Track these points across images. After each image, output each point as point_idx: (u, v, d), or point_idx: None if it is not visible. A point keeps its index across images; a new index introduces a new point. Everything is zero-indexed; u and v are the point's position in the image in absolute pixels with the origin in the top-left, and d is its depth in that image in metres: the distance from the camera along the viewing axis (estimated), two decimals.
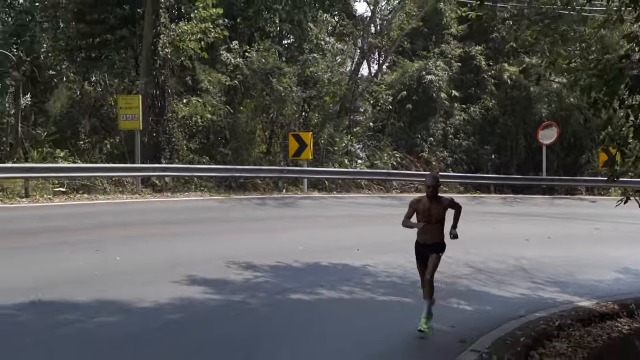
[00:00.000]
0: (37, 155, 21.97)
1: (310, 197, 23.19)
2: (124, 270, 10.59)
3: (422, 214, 9.02)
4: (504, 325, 9.61)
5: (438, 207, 8.97)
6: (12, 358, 6.75)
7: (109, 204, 19.25)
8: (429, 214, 8.95)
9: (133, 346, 7.30)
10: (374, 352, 7.88)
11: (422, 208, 9.01)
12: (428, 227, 8.99)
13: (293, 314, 9.28)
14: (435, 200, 8.98)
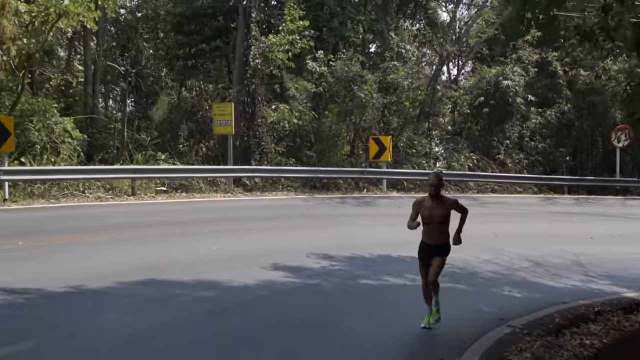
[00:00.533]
0: (141, 157, 24.27)
1: (388, 197, 24.63)
2: (219, 258, 12.32)
3: (424, 214, 8.88)
4: (546, 309, 10.42)
5: (441, 207, 8.86)
6: (139, 319, 8.50)
7: (204, 202, 21.26)
8: (431, 214, 8.84)
9: (229, 314, 8.99)
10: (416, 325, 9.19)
11: (425, 208, 8.89)
12: (431, 228, 8.86)
13: (359, 295, 10.78)
14: (438, 200, 8.89)
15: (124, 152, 25.45)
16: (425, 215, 8.79)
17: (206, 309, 9.04)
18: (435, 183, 8.84)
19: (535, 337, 8.92)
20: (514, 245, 15.40)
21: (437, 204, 8.78)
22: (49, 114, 22.76)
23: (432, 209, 8.76)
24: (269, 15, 29.26)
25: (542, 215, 22.24)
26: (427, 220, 8.79)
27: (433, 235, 8.85)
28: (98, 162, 24.34)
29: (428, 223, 8.80)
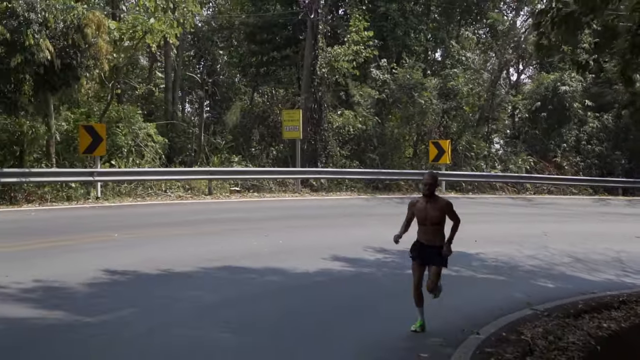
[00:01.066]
0: (217, 160, 26.20)
1: (445, 197, 25.86)
2: (285, 250, 13.83)
3: (419, 216, 8.85)
4: (573, 297, 11.43)
5: (435, 208, 8.77)
6: (217, 295, 10.10)
7: (274, 201, 22.97)
8: (425, 215, 8.78)
9: (289, 294, 10.53)
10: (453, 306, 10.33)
11: (419, 209, 8.85)
12: (426, 229, 8.79)
13: (405, 283, 12.19)
14: (432, 200, 8.80)
15: (201, 154, 27.46)
16: (420, 217, 8.78)
17: (272, 290, 10.61)
18: (430, 182, 8.77)
19: (553, 318, 9.80)
20: (559, 243, 16.33)
21: (431, 204, 8.75)
22: (134, 120, 24.86)
23: (427, 210, 8.74)
24: (335, 26, 30.89)
25: (593, 216, 23.07)
26: (422, 222, 8.79)
27: (428, 237, 8.79)
28: (178, 164, 26.42)
29: (423, 224, 8.79)
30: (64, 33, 17.92)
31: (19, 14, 16.88)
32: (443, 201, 8.91)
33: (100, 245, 13.31)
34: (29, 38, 16.70)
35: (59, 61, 17.71)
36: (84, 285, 9.77)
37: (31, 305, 8.53)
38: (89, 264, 11.11)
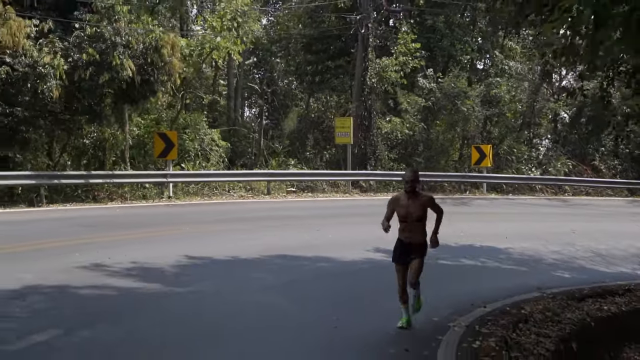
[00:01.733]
0: (275, 163, 28.46)
1: (485, 198, 27.64)
2: (334, 242, 15.73)
3: (400, 212, 8.72)
4: (580, 285, 12.66)
5: (417, 204, 8.64)
6: (277, 277, 12.12)
7: (326, 201, 25.05)
8: (407, 211, 8.64)
9: (337, 277, 12.51)
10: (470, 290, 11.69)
11: (401, 205, 8.73)
12: (407, 226, 8.69)
13: (434, 271, 14.04)
14: (414, 197, 8.65)
15: (261, 158, 29.76)
16: (401, 213, 8.68)
17: (322, 274, 12.58)
18: (411, 179, 8.65)
19: (557, 300, 11.37)
20: (585, 240, 17.55)
21: (413, 201, 8.62)
22: (200, 127, 27.27)
23: (408, 207, 8.63)
24: (385, 38, 32.85)
25: (625, 216, 24.38)
26: (403, 218, 8.69)
27: (410, 234, 8.76)
28: (239, 167, 28.77)
29: (404, 221, 8.68)
30: (143, 53, 20.37)
31: (107, 38, 19.43)
32: (425, 197, 8.87)
33: (176, 237, 15.58)
34: (115, 59, 19.20)
35: (139, 77, 20.17)
36: (170, 266, 11.97)
37: (133, 280, 10.77)
38: (170, 251, 13.32)
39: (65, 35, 19.90)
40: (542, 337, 9.12)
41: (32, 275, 10.63)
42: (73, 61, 19.27)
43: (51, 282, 10.32)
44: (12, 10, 17.91)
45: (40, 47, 18.72)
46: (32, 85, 18.35)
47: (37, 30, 18.83)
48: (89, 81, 19.22)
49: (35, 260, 11.92)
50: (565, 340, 9.22)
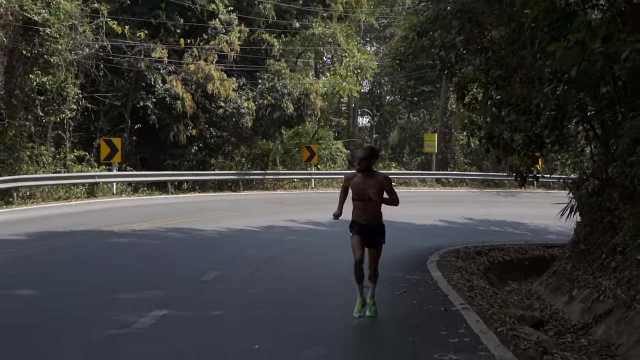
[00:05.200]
0: (381, 165, 39.64)
1: (532, 192, 37.64)
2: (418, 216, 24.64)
3: (356, 191, 8.17)
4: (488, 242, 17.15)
5: (372, 183, 8.06)
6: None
7: (416, 192, 35.80)
8: (362, 190, 8.07)
9: (413, 232, 23.05)
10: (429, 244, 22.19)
11: (356, 183, 8.19)
12: (364, 206, 8.12)
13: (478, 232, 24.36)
14: (369, 176, 8.13)
15: None
16: (357, 191, 8.16)
17: (406, 229, 21.47)
18: (364, 156, 8.21)
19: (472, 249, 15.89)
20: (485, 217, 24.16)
21: (370, 180, 8.12)
22: (328, 139, 38.73)
23: (365, 186, 8.08)
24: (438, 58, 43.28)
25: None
26: (359, 197, 8.16)
27: (365, 215, 8.21)
28: None
29: (361, 199, 8.15)
30: (298, 98, 31.88)
31: (278, 90, 31.13)
32: (381, 175, 8.40)
33: (309, 207, 25.19)
34: (283, 103, 30.84)
35: (295, 113, 31.74)
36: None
37: (311, 225, 21.90)
38: (315, 215, 24.26)
39: (253, 87, 31.73)
40: (473, 264, 14.13)
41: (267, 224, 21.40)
42: (258, 104, 31.04)
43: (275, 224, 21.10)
44: (225, 75, 29.63)
45: (240, 96, 30.54)
46: (235, 119, 30.22)
47: (237, 86, 30.58)
48: (267, 116, 31.04)
49: (264, 217, 21.73)
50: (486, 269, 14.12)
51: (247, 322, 8.27)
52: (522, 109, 12.14)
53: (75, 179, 24.23)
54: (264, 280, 11.17)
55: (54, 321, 8.01)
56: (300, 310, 9.06)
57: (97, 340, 7.19)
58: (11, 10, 20.44)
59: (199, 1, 28.74)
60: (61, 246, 14.27)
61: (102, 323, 7.83)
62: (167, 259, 13.06)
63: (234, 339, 7.49)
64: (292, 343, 7.37)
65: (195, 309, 8.72)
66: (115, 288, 9.90)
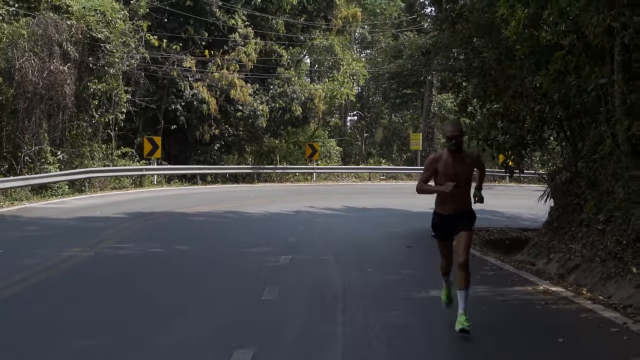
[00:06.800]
0: (372, 161, 43.61)
1: (506, 185, 41.89)
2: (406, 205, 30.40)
3: (444, 176, 6.76)
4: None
5: (464, 164, 6.79)
6: (381, 214, 26.91)
7: (402, 184, 39.77)
8: (454, 174, 6.71)
9: (412, 217, 27.12)
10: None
11: (444, 167, 6.78)
12: (454, 192, 6.72)
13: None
14: (460, 156, 6.77)
15: (362, 158, 44.96)
16: (447, 175, 6.76)
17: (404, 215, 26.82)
18: (456, 134, 6.74)
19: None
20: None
21: (460, 162, 6.77)
22: (323, 138, 42.55)
23: (456, 169, 6.74)
24: (444, 79, 47.40)
25: None
26: (454, 182, 6.71)
27: (457, 203, 6.87)
28: (350, 163, 44.01)
29: (457, 185, 6.73)
30: (304, 102, 35.66)
31: (289, 94, 34.89)
32: (473, 154, 7.20)
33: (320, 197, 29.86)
34: (293, 106, 34.62)
35: (302, 115, 35.52)
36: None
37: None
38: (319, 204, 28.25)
39: (266, 92, 35.43)
40: None
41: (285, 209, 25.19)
42: (271, 107, 34.77)
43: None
44: (243, 81, 33.30)
45: (255, 100, 34.23)
46: (252, 120, 33.93)
47: (252, 91, 34.27)
48: (279, 118, 34.83)
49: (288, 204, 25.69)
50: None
51: (341, 260, 12.08)
52: (512, 118, 16.07)
53: (129, 172, 27.95)
54: (328, 239, 14.92)
55: (219, 266, 11.65)
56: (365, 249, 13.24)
57: (260, 269, 10.92)
58: (81, 30, 24.00)
59: (222, 17, 32.37)
60: (163, 221, 17.93)
61: (256, 261, 11.64)
62: (251, 230, 16.74)
63: (346, 265, 11.41)
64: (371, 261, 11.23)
65: (308, 254, 12.57)
66: (247, 242, 13.79)
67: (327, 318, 7.57)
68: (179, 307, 8.03)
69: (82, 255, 11.69)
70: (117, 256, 12.01)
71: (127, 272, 10.60)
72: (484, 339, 6.73)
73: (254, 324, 7.28)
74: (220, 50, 32.49)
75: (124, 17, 26.21)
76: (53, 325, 7.18)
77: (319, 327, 7.17)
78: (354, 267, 11.15)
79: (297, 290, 9.22)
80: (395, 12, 48.05)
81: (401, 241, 15.49)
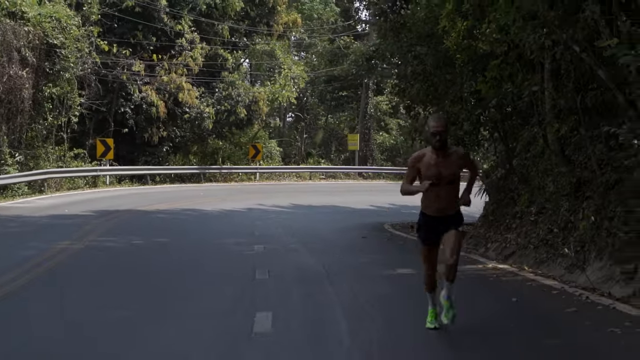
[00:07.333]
0: (311, 161, 45.02)
1: None
2: (345, 202, 31.76)
3: (428, 174, 6.25)
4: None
5: (449, 162, 6.28)
6: (317, 212, 28.39)
7: (342, 183, 41.41)
8: (438, 172, 6.22)
9: (340, 214, 28.64)
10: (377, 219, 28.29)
11: (428, 166, 6.29)
12: (439, 192, 6.24)
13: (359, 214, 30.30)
14: (444, 153, 6.29)
15: (302, 158, 46.33)
16: (430, 175, 6.26)
17: (333, 212, 28.58)
18: (440, 130, 6.25)
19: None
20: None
21: (445, 159, 6.29)
22: (264, 139, 43.77)
23: (440, 167, 6.26)
24: (379, 82, 49.35)
25: None
26: (432, 181, 6.21)
27: (444, 203, 6.39)
28: (290, 163, 45.32)
29: (434, 184, 6.22)
30: (248, 105, 36.83)
31: (234, 97, 35.98)
32: (459, 152, 6.67)
33: (266, 195, 31.51)
34: (238, 108, 35.72)
35: (246, 117, 36.68)
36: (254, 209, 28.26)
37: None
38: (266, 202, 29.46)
39: (211, 95, 36.42)
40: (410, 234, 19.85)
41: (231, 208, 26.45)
42: (216, 109, 35.78)
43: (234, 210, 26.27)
44: (190, 85, 34.21)
45: (201, 103, 35.18)
46: (198, 122, 34.90)
47: (199, 94, 35.21)
48: (225, 120, 35.93)
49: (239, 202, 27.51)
50: None
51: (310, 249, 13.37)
52: (452, 120, 17.65)
53: (84, 172, 28.65)
54: (289, 232, 16.17)
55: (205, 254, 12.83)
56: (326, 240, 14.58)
57: (242, 256, 12.14)
58: (37, 36, 24.64)
59: (169, 23, 33.28)
60: (130, 218, 18.88)
61: (234, 250, 12.86)
62: (214, 225, 17.87)
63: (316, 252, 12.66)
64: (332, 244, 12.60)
65: (277, 244, 13.82)
66: (216, 235, 14.94)
67: (320, 290, 8.92)
68: (189, 288, 9.21)
69: (74, 247, 12.69)
70: (106, 247, 13.06)
71: (125, 260, 11.71)
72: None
73: (258, 296, 8.58)
74: (168, 55, 33.40)
75: (78, 24, 26.89)
76: (87, 300, 8.34)
77: (317, 297, 8.52)
78: (324, 254, 12.44)
79: (284, 271, 10.53)
80: (332, 17, 49.63)
81: (355, 233, 16.87)
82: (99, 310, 7.64)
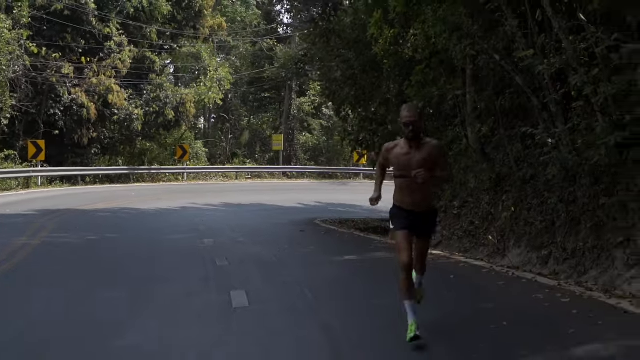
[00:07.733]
0: (237, 161, 45.71)
1: (361, 183, 45.46)
2: (277, 200, 32.85)
3: (399, 165, 5.97)
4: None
5: (422, 153, 5.89)
6: (257, 209, 29.19)
7: (267, 183, 42.28)
8: (409, 164, 5.87)
9: (275, 212, 29.64)
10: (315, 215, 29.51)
11: (396, 157, 5.99)
12: (412, 185, 5.86)
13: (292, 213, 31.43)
14: (418, 144, 5.91)
15: (227, 158, 46.94)
16: (401, 165, 5.96)
17: (271, 209, 29.55)
18: (413, 120, 5.87)
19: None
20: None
21: (418, 151, 5.91)
22: (190, 140, 44.16)
23: (412, 159, 5.90)
24: (302, 84, 50.49)
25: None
26: (404, 173, 5.94)
27: (413, 197, 5.97)
28: (215, 163, 45.87)
29: (403, 177, 5.95)
30: (176, 106, 37.28)
31: (162, 99, 36.35)
32: (433, 143, 6.15)
33: (196, 195, 32.26)
34: (166, 110, 36.12)
35: (174, 118, 37.11)
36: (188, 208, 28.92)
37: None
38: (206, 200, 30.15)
39: (140, 97, 36.68)
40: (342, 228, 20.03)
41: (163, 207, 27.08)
42: (145, 111, 36.08)
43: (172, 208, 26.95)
44: (118, 87, 34.42)
45: (130, 104, 35.42)
46: (127, 124, 35.13)
47: (128, 96, 35.43)
48: (153, 121, 36.24)
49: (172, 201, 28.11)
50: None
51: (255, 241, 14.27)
52: (380, 121, 18.94)
53: (17, 174, 28.56)
54: (230, 227, 17.03)
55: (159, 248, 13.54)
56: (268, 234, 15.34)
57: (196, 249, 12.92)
58: None
59: (97, 26, 33.43)
60: (73, 216, 19.25)
61: (185, 244, 13.60)
62: (154, 222, 18.49)
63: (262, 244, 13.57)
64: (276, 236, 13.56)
65: (223, 238, 14.62)
66: (161, 231, 15.62)
67: (280, 273, 9.92)
68: (159, 275, 9.97)
69: (32, 243, 13.20)
70: (62, 243, 13.60)
71: (88, 253, 12.37)
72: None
73: (226, 278, 9.49)
74: (96, 57, 33.58)
75: (9, 27, 26.87)
76: (66, 283, 9.09)
77: (279, 278, 9.52)
78: (270, 246, 13.34)
79: (241, 259, 11.43)
80: (255, 20, 50.43)
81: (292, 227, 17.92)
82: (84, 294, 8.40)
